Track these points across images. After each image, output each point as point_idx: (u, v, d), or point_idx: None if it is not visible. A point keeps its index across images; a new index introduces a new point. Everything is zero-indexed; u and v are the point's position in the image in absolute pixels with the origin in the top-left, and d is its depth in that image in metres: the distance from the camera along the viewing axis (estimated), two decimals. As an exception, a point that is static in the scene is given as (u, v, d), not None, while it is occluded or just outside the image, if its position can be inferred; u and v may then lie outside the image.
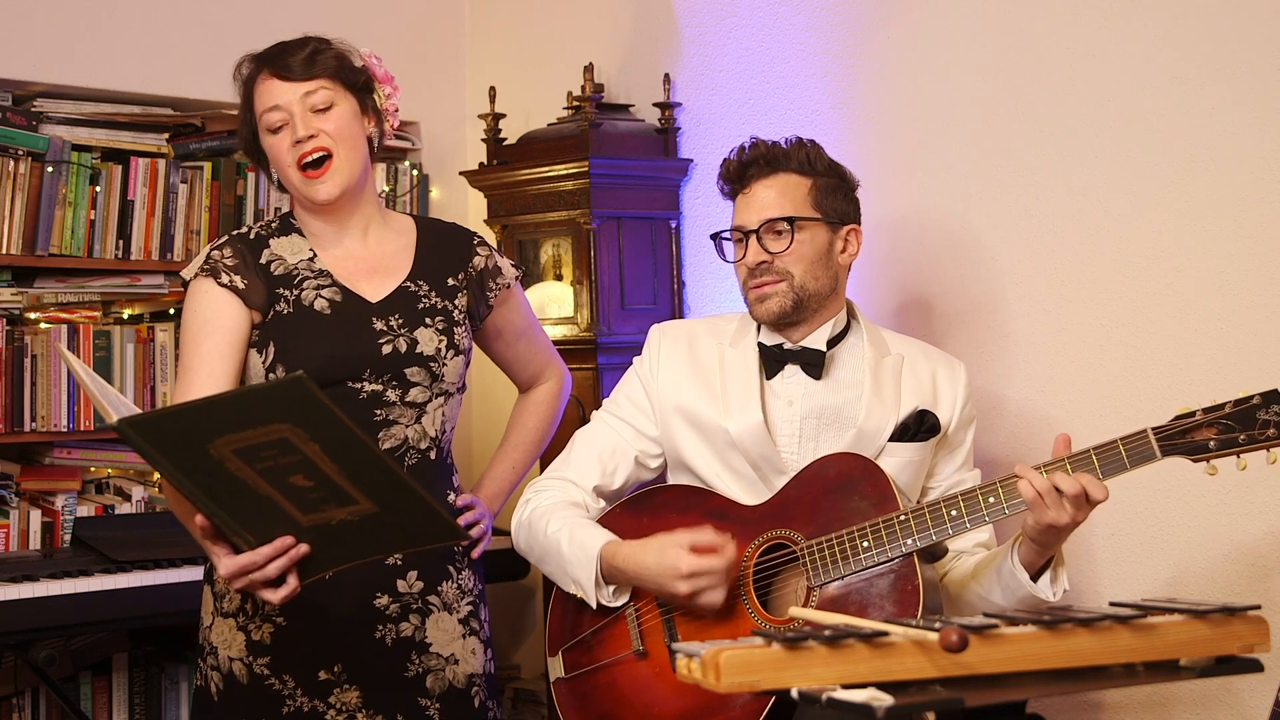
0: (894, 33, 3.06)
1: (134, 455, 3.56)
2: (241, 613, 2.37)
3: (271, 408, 1.91)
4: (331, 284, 2.40)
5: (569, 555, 2.33)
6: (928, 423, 2.36)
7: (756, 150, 2.40)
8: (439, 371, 2.40)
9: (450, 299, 2.46)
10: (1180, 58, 2.61)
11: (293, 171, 2.37)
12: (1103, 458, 2.07)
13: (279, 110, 2.36)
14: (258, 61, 2.41)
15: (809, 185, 2.39)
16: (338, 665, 2.36)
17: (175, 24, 3.58)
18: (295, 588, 2.10)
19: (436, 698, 2.40)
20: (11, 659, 3.31)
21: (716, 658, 1.49)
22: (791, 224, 2.35)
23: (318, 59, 2.37)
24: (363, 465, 1.97)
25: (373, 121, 2.45)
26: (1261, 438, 2.00)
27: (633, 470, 2.48)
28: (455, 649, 2.42)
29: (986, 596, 2.24)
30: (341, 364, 2.35)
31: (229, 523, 2.06)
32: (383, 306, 2.40)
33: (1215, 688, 2.57)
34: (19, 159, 3.36)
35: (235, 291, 2.36)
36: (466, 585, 2.46)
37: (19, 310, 3.39)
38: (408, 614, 2.39)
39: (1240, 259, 2.55)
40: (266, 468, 1.97)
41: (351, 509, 2.02)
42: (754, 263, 2.36)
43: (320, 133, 2.35)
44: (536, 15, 3.90)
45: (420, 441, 2.40)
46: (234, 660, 2.37)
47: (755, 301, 2.39)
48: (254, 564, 2.07)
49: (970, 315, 2.93)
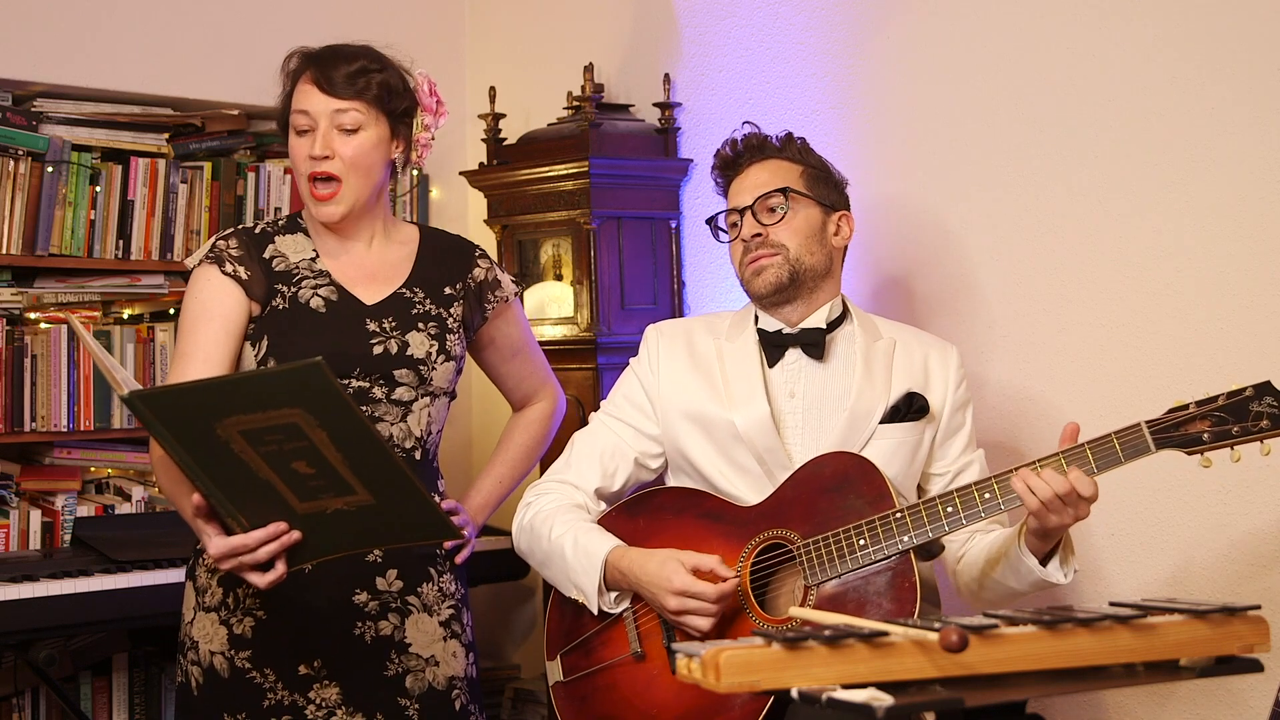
0: (894, 33, 3.06)
1: (134, 455, 3.57)
2: (223, 607, 2.37)
3: (286, 392, 1.93)
4: (329, 284, 2.42)
5: (573, 561, 2.34)
6: (916, 404, 2.37)
7: (750, 139, 2.47)
8: (427, 375, 2.41)
9: (445, 307, 2.47)
10: (1180, 58, 2.61)
11: (303, 181, 2.39)
12: (1097, 451, 2.09)
13: (307, 117, 2.37)
14: (306, 60, 2.41)
15: (800, 170, 2.44)
16: (318, 660, 2.37)
17: (175, 24, 3.58)
18: (282, 573, 2.12)
19: (416, 698, 2.40)
20: (11, 659, 3.30)
21: (716, 658, 1.49)
22: (785, 194, 2.39)
23: (360, 80, 2.37)
24: (367, 456, 1.98)
25: (401, 148, 2.45)
26: (1255, 429, 2.01)
27: (633, 471, 2.48)
28: (435, 650, 2.43)
29: (1003, 581, 2.26)
30: (332, 360, 2.33)
31: (224, 504, 2.08)
32: (377, 309, 2.42)
33: (1215, 688, 2.57)
34: (19, 159, 3.36)
35: (238, 281, 2.37)
36: (448, 589, 2.47)
37: (19, 310, 3.39)
38: (386, 612, 2.39)
39: (1240, 259, 2.55)
40: (270, 451, 1.98)
41: (348, 499, 2.03)
42: (749, 235, 2.39)
43: (336, 155, 2.36)
44: (536, 15, 3.90)
45: (405, 440, 2.41)
46: (215, 654, 2.37)
47: (752, 276, 2.40)
48: (245, 546, 2.09)
49: (970, 315, 2.93)
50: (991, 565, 2.28)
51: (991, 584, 2.28)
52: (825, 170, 2.47)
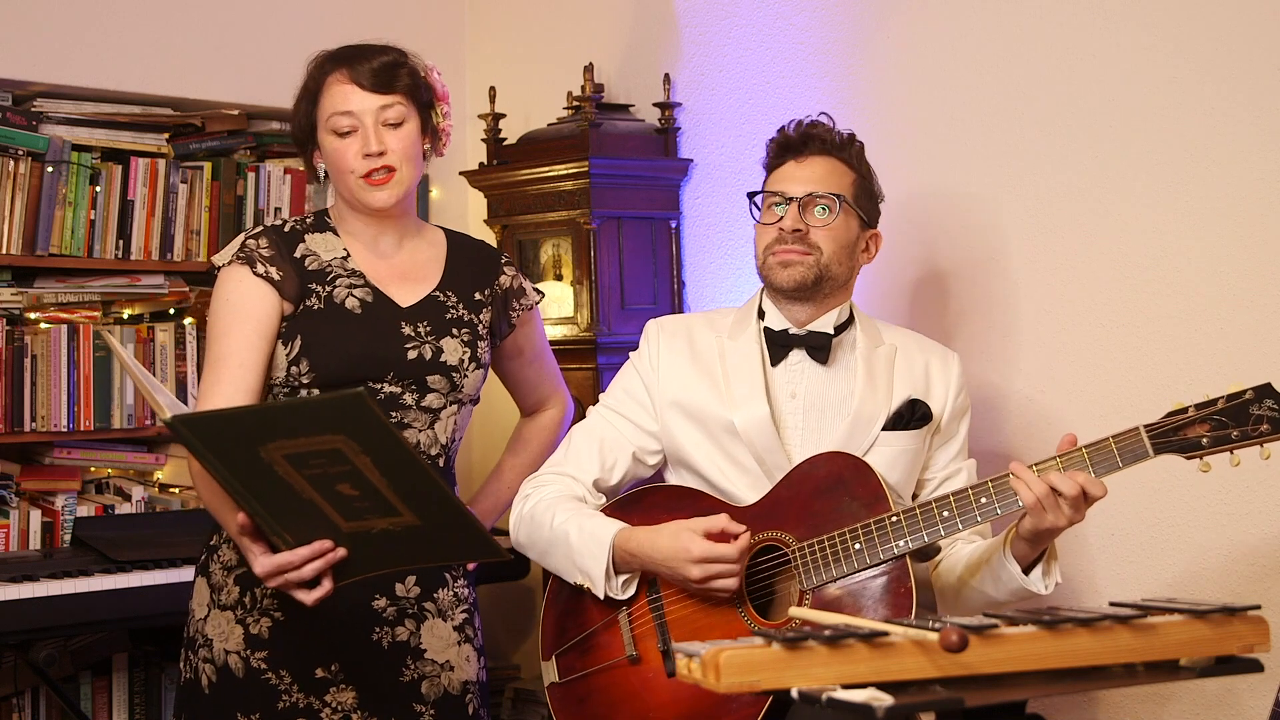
0: (894, 33, 3.06)
1: (134, 455, 3.57)
2: (240, 606, 2.37)
3: (329, 420, 1.92)
4: (364, 284, 2.41)
5: (578, 546, 2.31)
6: (919, 411, 2.36)
7: (820, 128, 2.43)
8: (459, 382, 2.41)
9: (476, 313, 2.47)
10: (1180, 58, 2.61)
11: (353, 178, 2.37)
12: (1095, 456, 2.07)
13: (351, 117, 2.36)
14: (334, 61, 2.40)
15: (853, 178, 2.41)
16: (335, 664, 2.36)
17: (175, 24, 3.58)
18: (329, 590, 2.12)
19: (431, 704, 2.40)
20: (11, 659, 3.30)
21: (716, 657, 1.49)
22: (840, 202, 2.36)
23: (396, 72, 2.38)
24: (411, 481, 1.98)
25: (429, 140, 2.46)
26: (1254, 433, 1.98)
27: (630, 465, 2.47)
28: (450, 656, 2.42)
29: (980, 589, 2.25)
30: (367, 363, 2.36)
31: (270, 522, 2.08)
32: (412, 312, 2.41)
33: (1215, 688, 2.57)
34: (19, 159, 3.36)
35: (271, 282, 2.36)
36: (461, 594, 2.47)
37: (19, 310, 3.39)
38: (403, 618, 2.39)
39: (1240, 259, 2.55)
40: (315, 475, 1.98)
41: (394, 520, 2.03)
42: (790, 228, 2.35)
43: (390, 150, 2.36)
44: (536, 15, 3.90)
45: (431, 447, 2.41)
46: (230, 653, 2.36)
47: (778, 267, 2.36)
48: (290, 564, 2.10)
49: (970, 314, 2.93)
50: (971, 572, 2.27)
51: (969, 591, 2.27)
52: (871, 182, 2.45)
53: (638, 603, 2.33)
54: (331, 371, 2.35)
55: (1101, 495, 2.07)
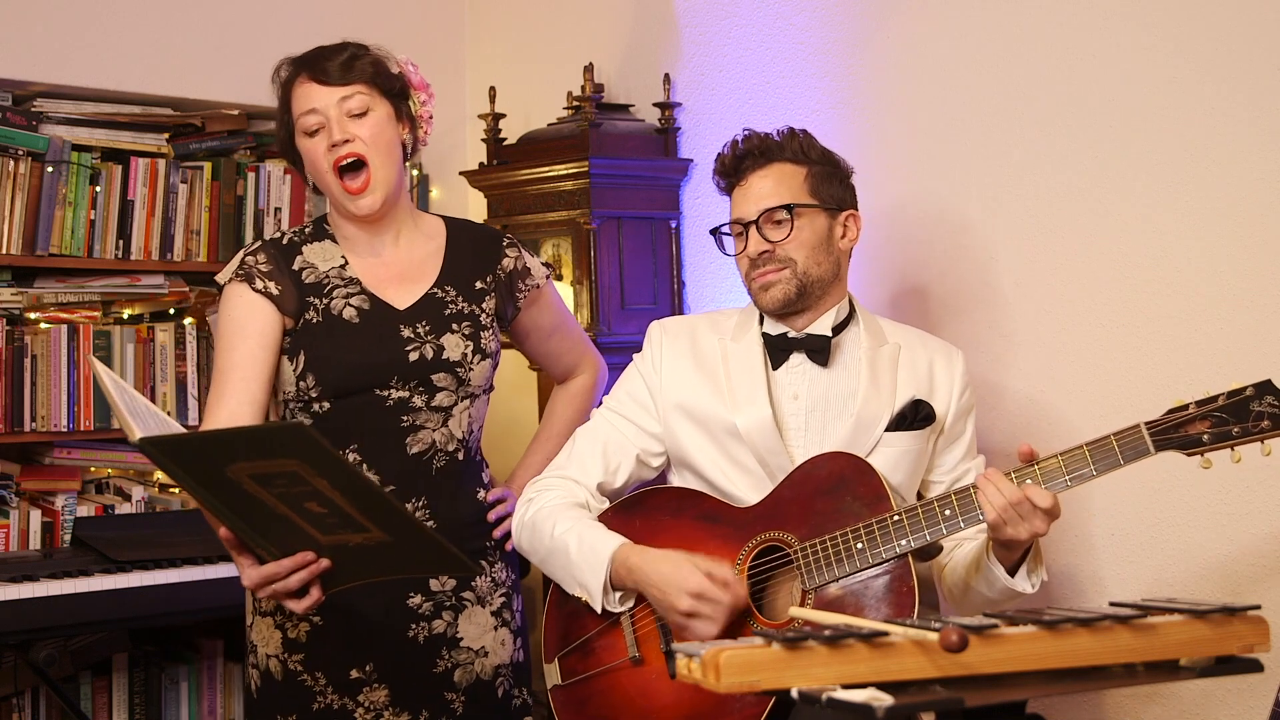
0: (894, 33, 3.06)
1: (134, 455, 3.57)
2: (279, 611, 2.41)
3: (277, 448, 1.94)
4: (360, 292, 2.43)
5: (577, 559, 2.32)
6: (923, 412, 2.36)
7: (750, 142, 2.41)
8: (465, 376, 2.43)
9: (477, 303, 2.49)
10: (1180, 58, 2.61)
11: (331, 178, 2.40)
12: (1095, 453, 2.07)
13: (316, 114, 2.39)
14: (296, 65, 2.44)
15: (804, 173, 2.38)
16: (369, 664, 2.40)
17: (175, 24, 3.58)
18: (318, 598, 2.14)
19: (462, 691, 2.44)
20: (11, 659, 3.31)
21: (717, 658, 1.49)
22: (790, 211, 2.35)
23: (355, 64, 2.40)
24: (371, 503, 1.99)
25: (407, 128, 2.48)
26: (1255, 430, 1.98)
27: (634, 468, 2.47)
28: (486, 641, 2.47)
29: (978, 589, 2.26)
30: (370, 372, 2.39)
31: (251, 535, 2.09)
32: (410, 313, 2.43)
33: (1215, 688, 2.57)
34: (19, 159, 3.37)
35: (269, 297, 2.39)
36: (500, 578, 2.51)
37: (19, 310, 3.39)
38: (441, 611, 2.43)
39: (1240, 259, 2.55)
40: (281, 493, 1.99)
41: (365, 535, 2.04)
42: (755, 253, 2.36)
43: (355, 138, 2.38)
44: (536, 15, 3.90)
45: (448, 444, 2.43)
46: (270, 657, 2.42)
47: (759, 291, 2.38)
48: (276, 574, 2.11)
49: (970, 314, 2.93)
50: (970, 573, 2.28)
51: (972, 592, 2.28)
52: (830, 164, 2.41)
53: (640, 604, 2.33)
54: (336, 383, 2.38)
55: (1048, 506, 2.07)
